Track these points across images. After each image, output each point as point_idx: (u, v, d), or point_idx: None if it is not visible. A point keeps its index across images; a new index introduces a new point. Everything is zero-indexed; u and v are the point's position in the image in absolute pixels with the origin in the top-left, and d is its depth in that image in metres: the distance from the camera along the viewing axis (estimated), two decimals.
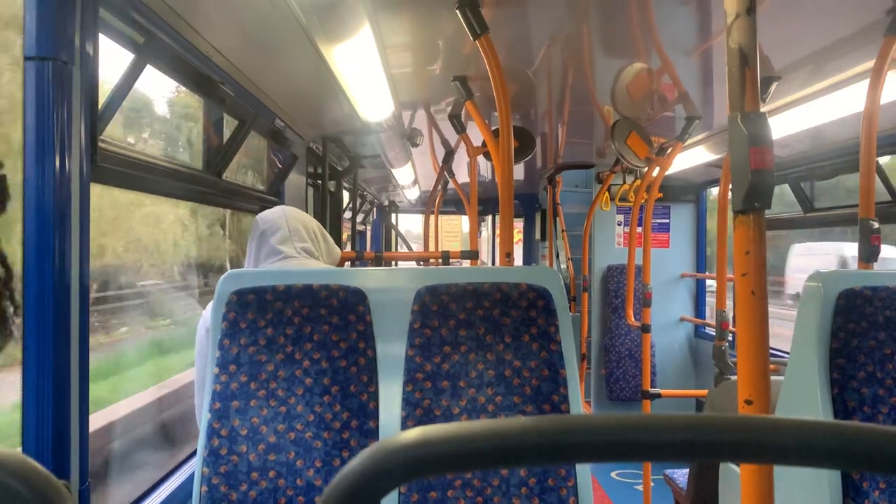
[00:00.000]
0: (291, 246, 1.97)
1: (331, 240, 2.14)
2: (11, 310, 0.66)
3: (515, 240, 9.99)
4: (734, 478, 2.12)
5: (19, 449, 1.35)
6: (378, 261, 3.41)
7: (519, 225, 8.73)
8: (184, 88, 2.31)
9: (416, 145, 4.20)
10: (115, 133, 1.91)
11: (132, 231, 2.94)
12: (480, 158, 3.61)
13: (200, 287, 3.61)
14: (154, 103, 2.87)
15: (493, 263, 9.58)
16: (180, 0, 1.77)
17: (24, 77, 1.36)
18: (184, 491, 2.17)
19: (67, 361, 1.39)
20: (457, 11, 2.04)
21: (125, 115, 2.30)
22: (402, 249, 8.57)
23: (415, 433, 0.44)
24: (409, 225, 12.94)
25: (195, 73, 2.10)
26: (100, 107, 1.56)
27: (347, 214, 5.53)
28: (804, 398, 1.75)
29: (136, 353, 3.20)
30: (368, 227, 8.58)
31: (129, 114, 2.50)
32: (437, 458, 0.43)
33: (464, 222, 11.53)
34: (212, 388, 1.65)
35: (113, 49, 1.72)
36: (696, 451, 0.44)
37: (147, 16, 1.74)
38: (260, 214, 2.08)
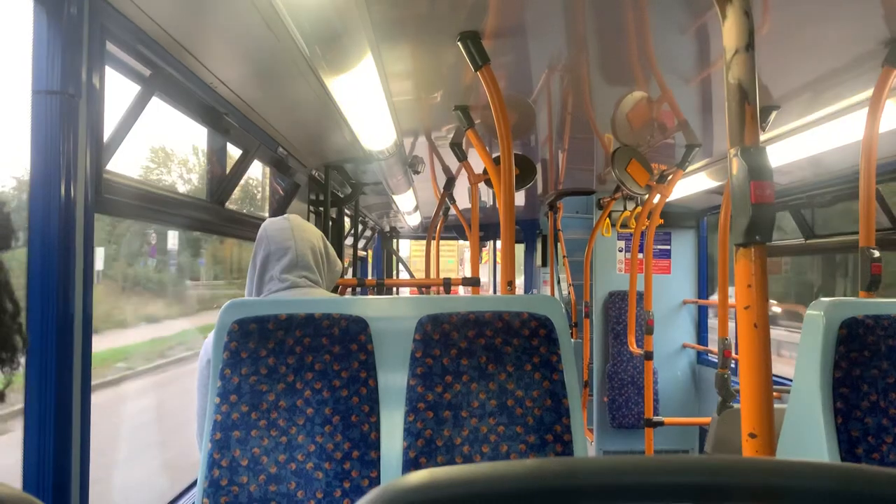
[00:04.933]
0: (297, 274, 1.95)
1: (333, 253, 2.09)
2: (21, 344, 0.66)
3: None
4: None
5: (19, 481, 1.35)
6: (380, 288, 3.41)
7: (519, 250, 8.74)
8: None
9: (417, 172, 4.22)
10: None
11: None
12: (481, 185, 3.63)
13: None
14: None
15: (494, 291, 9.57)
16: (186, 33, 1.80)
17: (31, 110, 1.38)
18: None
19: (70, 393, 1.39)
20: (458, 44, 2.07)
21: None
22: (404, 275, 8.56)
23: (422, 476, 0.44)
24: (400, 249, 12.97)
25: (200, 104, 2.12)
26: (105, 139, 1.57)
27: (349, 241, 5.54)
28: (807, 428, 1.74)
29: None
30: (370, 253, 8.59)
31: None
32: (444, 502, 0.43)
33: (459, 243, 11.56)
34: (212, 419, 1.65)
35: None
36: (704, 495, 0.44)
37: (153, 49, 1.76)
38: (266, 228, 1.99)
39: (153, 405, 7.34)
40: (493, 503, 0.43)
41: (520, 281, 8.96)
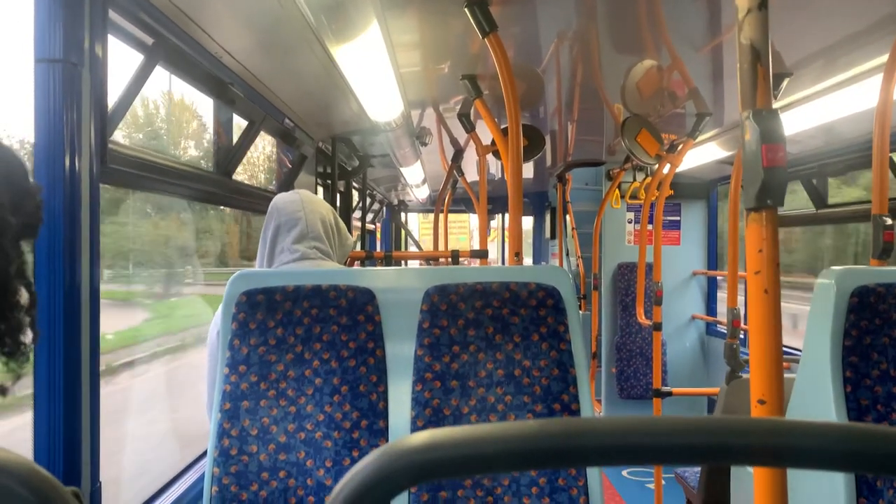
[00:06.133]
0: (307, 245, 1.95)
1: (343, 227, 2.10)
2: (32, 337, 0.65)
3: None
4: (746, 477, 2.11)
5: (30, 455, 1.36)
6: (388, 260, 3.41)
7: (528, 223, 8.72)
8: None
9: (425, 144, 4.20)
10: None
11: None
12: (490, 157, 3.60)
13: None
14: None
15: (503, 263, 9.56)
16: (189, 1, 1.78)
17: (34, 79, 1.37)
18: (195, 490, 2.18)
19: (78, 363, 1.40)
20: (465, 10, 2.04)
21: None
22: (413, 248, 8.57)
23: (423, 436, 0.43)
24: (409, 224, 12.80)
25: (205, 74, 2.10)
26: (109, 108, 1.56)
27: (357, 214, 5.54)
28: (817, 397, 1.73)
29: None
30: (378, 226, 8.59)
31: None
32: (445, 462, 0.43)
33: (471, 218, 11.51)
34: (222, 389, 1.66)
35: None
36: (706, 455, 0.44)
37: (156, 17, 1.74)
38: (276, 201, 2.01)
39: None
40: (493, 463, 0.43)
41: (529, 260, 8.95)
